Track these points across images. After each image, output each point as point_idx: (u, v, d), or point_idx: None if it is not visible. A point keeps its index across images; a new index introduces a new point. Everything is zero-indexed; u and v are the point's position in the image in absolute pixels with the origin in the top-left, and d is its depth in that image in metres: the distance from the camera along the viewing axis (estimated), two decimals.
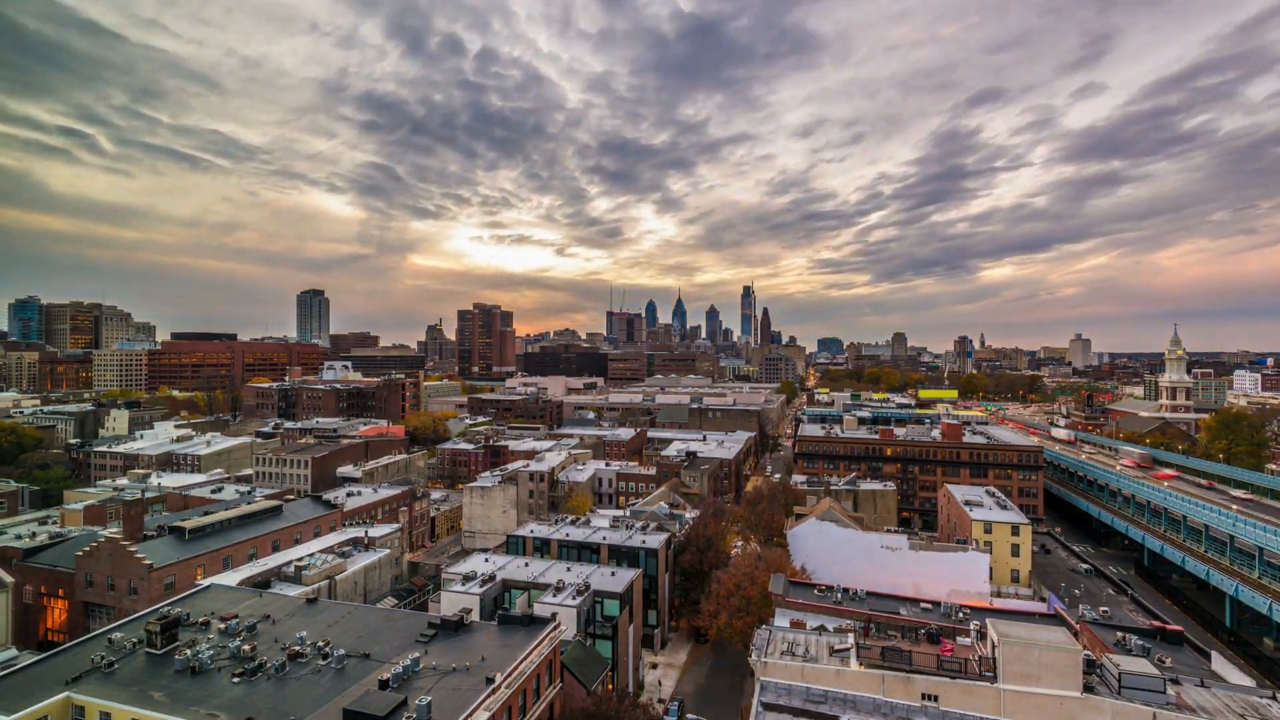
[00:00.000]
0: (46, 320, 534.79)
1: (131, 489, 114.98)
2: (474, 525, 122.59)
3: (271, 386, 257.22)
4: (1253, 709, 40.56)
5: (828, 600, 65.14)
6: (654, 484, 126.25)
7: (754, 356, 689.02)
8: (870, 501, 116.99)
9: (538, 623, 52.72)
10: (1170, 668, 47.98)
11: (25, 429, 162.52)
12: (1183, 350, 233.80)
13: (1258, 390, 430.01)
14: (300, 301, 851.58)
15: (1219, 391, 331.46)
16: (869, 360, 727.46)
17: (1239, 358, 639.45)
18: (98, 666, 45.83)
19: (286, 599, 60.06)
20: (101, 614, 70.20)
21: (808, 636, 50.96)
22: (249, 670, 44.89)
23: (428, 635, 50.59)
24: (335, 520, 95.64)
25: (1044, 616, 65.08)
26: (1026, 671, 41.28)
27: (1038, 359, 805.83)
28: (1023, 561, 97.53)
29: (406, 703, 40.14)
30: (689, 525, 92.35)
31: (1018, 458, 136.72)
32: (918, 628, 54.38)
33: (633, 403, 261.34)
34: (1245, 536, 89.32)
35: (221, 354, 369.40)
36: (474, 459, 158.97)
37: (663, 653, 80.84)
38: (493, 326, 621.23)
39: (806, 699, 43.84)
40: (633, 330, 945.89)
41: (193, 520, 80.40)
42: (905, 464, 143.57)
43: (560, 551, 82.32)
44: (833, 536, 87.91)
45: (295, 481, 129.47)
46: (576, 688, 54.12)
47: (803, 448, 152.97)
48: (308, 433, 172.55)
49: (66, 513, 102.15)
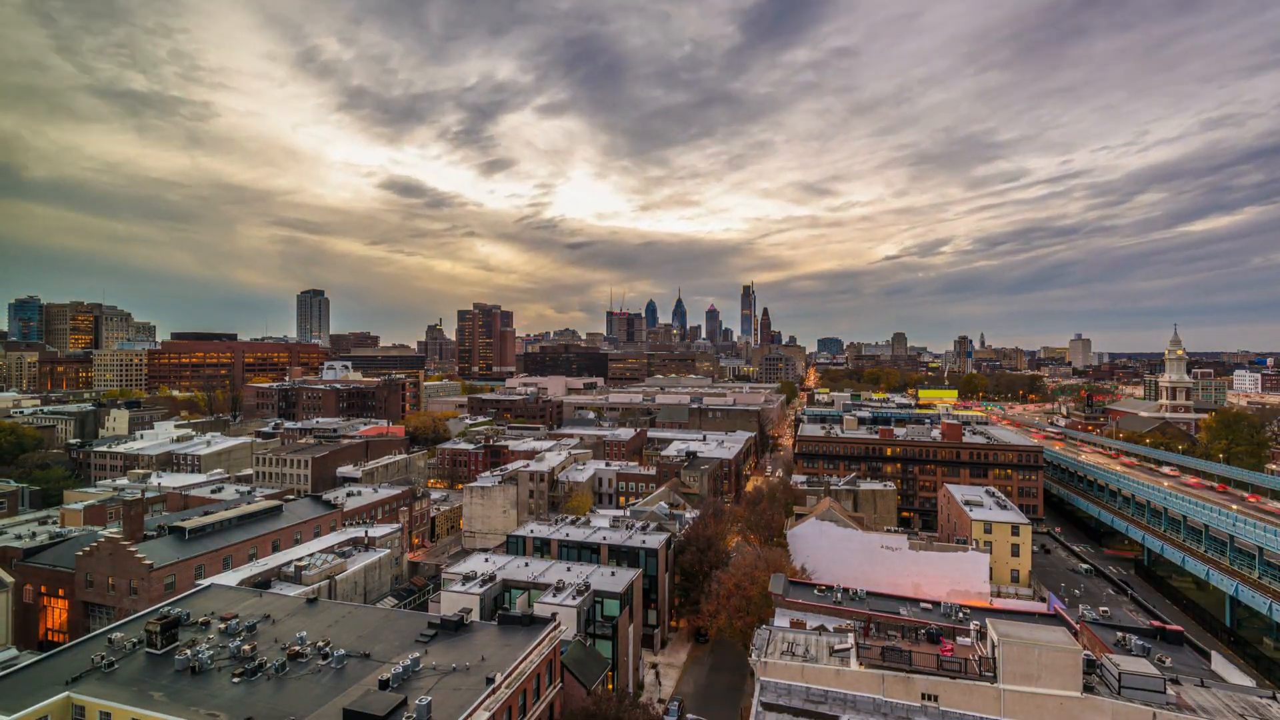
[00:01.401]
0: (46, 320, 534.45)
1: (131, 489, 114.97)
2: (474, 525, 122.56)
3: (271, 386, 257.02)
4: (1253, 709, 40.55)
5: (828, 600, 65.14)
6: (654, 484, 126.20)
7: (754, 356, 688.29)
8: (870, 501, 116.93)
9: (538, 623, 52.70)
10: (1170, 668, 47.96)
11: (25, 429, 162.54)
12: (1183, 350, 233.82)
13: (1258, 390, 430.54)
14: (300, 301, 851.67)
15: (1219, 391, 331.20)
16: (869, 360, 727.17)
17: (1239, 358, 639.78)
18: (98, 666, 45.81)
19: (286, 599, 60.05)
20: (101, 614, 70.17)
21: (808, 636, 50.95)
22: (249, 670, 44.87)
23: (428, 635, 50.58)
24: (335, 520, 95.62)
25: (1044, 616, 65.06)
26: (1026, 671, 41.26)
27: (1038, 359, 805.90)
28: (1023, 561, 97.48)
29: (406, 703, 40.13)
30: (689, 525, 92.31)
31: (1018, 458, 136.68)
32: (918, 628, 54.35)
33: (633, 403, 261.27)
34: (1245, 536, 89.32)
35: (221, 354, 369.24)
36: (474, 459, 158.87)
37: (663, 653, 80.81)
38: (493, 326, 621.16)
39: (806, 699, 43.83)
40: (633, 330, 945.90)
41: (193, 520, 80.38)
42: (905, 464, 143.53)
43: (560, 551, 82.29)
44: (833, 536, 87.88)
45: (295, 481, 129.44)
46: (576, 688, 54.11)
47: (803, 448, 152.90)
48: (308, 433, 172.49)
49: (66, 513, 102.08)
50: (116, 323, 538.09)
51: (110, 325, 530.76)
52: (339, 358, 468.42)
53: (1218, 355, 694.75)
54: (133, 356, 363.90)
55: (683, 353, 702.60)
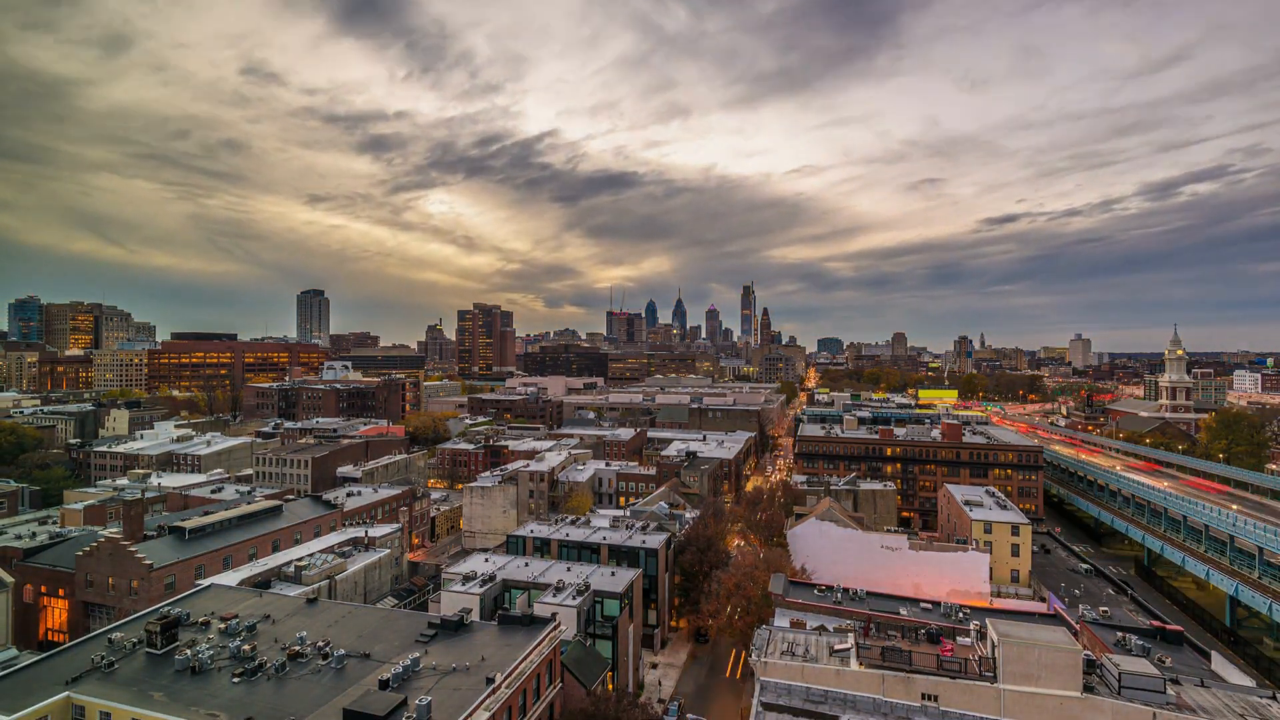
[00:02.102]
0: (46, 320, 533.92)
1: (131, 489, 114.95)
2: (474, 525, 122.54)
3: (271, 386, 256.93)
4: (1253, 709, 40.56)
5: (828, 600, 65.15)
6: (654, 484, 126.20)
7: (754, 356, 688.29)
8: (870, 501, 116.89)
9: (538, 623, 52.71)
10: (1170, 668, 47.95)
11: (25, 429, 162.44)
12: (1183, 350, 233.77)
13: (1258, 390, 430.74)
14: (300, 301, 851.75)
15: (1219, 391, 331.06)
16: (869, 360, 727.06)
17: (1239, 358, 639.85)
18: (98, 666, 45.83)
19: (286, 599, 60.05)
20: (101, 614, 70.16)
21: (808, 636, 50.95)
22: (249, 670, 44.88)
23: (428, 635, 50.58)
24: (335, 520, 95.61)
25: (1044, 616, 65.08)
26: (1026, 671, 41.26)
27: (1038, 359, 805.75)
28: (1023, 561, 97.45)
29: (406, 703, 40.14)
30: (689, 525, 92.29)
31: (1018, 458, 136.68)
32: (918, 628, 54.34)
33: (633, 403, 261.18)
34: (1245, 536, 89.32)
35: (221, 354, 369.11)
36: (474, 459, 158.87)
37: (663, 653, 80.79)
38: (493, 326, 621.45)
39: (806, 699, 43.83)
40: (633, 330, 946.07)
41: (193, 520, 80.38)
42: (905, 464, 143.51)
43: (560, 551, 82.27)
44: (833, 536, 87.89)
45: (295, 481, 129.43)
46: (576, 688, 54.10)
47: (803, 448, 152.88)
48: (308, 433, 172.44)
49: (66, 513, 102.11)
50: (116, 323, 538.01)
51: (110, 325, 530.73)
52: (339, 358, 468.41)
53: (1218, 355, 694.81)
54: (133, 356, 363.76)
55: (683, 353, 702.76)
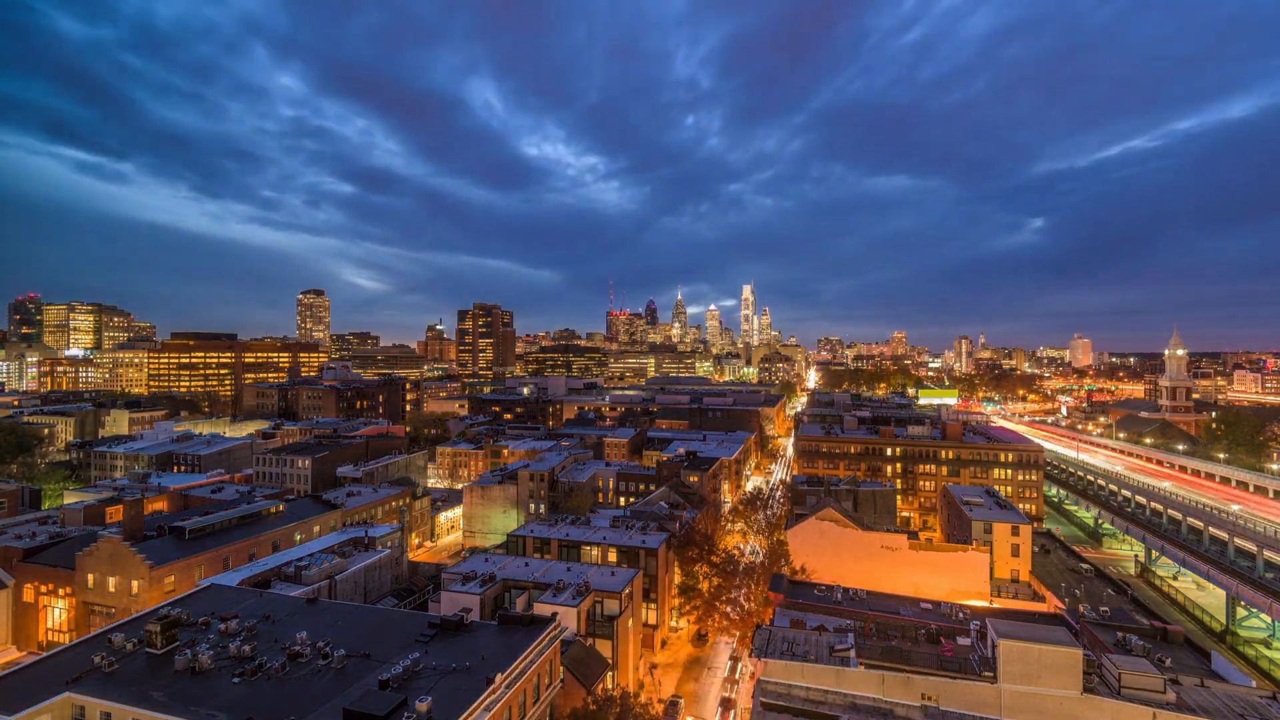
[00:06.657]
0: (46, 320, 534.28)
1: (131, 489, 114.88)
2: (474, 525, 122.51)
3: (271, 386, 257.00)
4: (1253, 709, 40.56)
5: (828, 600, 65.17)
6: (654, 484, 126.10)
7: (754, 356, 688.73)
8: (870, 501, 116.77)
9: (538, 623, 52.67)
10: (1170, 668, 47.97)
11: (25, 429, 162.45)
12: (1183, 350, 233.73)
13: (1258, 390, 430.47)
14: (300, 301, 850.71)
15: (1219, 391, 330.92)
16: (869, 360, 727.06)
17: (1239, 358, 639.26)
18: (98, 667, 45.80)
19: (286, 599, 60.01)
20: (101, 614, 70.21)
21: (807, 636, 50.97)
22: (249, 671, 44.85)
23: (428, 635, 50.56)
24: (335, 520, 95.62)
25: (1044, 616, 65.09)
26: (1026, 671, 41.26)
27: (1038, 359, 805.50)
28: (1023, 561, 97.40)
29: (406, 703, 40.12)
30: (689, 525, 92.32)
31: (1018, 458, 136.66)
32: (918, 628, 54.38)
33: (633, 403, 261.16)
34: (1244, 537, 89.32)
35: (221, 354, 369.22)
36: (474, 459, 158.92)
37: (663, 652, 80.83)
38: (493, 326, 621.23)
39: (806, 699, 43.82)
40: (633, 330, 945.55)
41: (193, 520, 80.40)
42: (905, 464, 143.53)
43: (560, 551, 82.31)
44: (832, 536, 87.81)
45: (295, 481, 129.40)
46: (576, 688, 54.09)
47: (803, 447, 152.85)
48: (308, 433, 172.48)
49: (66, 513, 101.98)
50: (117, 323, 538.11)
51: (110, 325, 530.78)
52: (339, 358, 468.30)
53: (1218, 355, 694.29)
54: (133, 356, 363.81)
55: (683, 353, 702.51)
